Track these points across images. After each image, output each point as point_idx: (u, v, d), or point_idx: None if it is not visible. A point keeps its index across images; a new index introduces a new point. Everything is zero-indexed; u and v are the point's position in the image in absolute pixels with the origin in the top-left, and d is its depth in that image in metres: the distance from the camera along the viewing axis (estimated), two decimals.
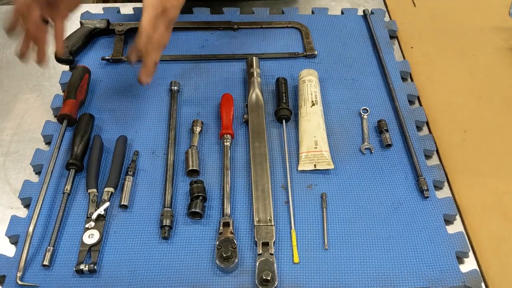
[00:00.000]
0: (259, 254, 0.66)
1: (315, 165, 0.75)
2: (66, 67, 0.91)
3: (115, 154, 0.76)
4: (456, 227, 0.71)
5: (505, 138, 0.82)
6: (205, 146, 0.79)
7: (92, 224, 0.68)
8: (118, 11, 1.03)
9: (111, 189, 0.72)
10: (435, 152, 0.80)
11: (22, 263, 0.64)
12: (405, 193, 0.74)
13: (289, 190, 0.73)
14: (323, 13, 1.04)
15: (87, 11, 1.01)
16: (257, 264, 0.65)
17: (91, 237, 0.67)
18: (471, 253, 0.68)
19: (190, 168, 0.74)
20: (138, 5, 1.06)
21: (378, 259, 0.67)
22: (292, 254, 0.66)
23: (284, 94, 0.84)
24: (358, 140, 0.80)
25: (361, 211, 0.71)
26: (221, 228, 0.68)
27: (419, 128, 0.83)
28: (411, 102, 0.87)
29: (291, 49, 0.96)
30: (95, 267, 0.64)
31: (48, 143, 0.80)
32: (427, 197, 0.73)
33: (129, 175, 0.74)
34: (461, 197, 0.74)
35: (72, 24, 1.00)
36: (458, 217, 0.72)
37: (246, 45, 0.96)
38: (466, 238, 0.69)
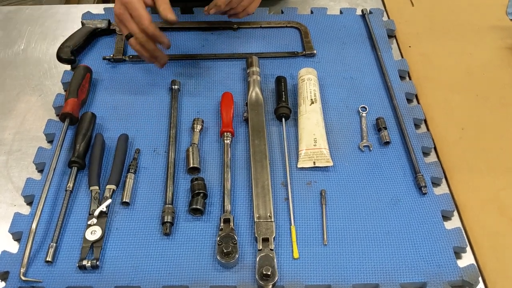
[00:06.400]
0: (259, 250, 0.66)
1: (314, 162, 0.76)
2: (68, 67, 0.92)
3: (116, 152, 0.77)
4: (453, 223, 0.72)
5: (502, 136, 0.83)
6: (206, 144, 0.80)
7: (94, 220, 0.69)
8: None
9: (113, 187, 0.72)
10: (433, 149, 0.81)
11: (25, 259, 0.64)
12: (403, 190, 0.74)
13: (289, 187, 0.74)
14: (322, 13, 1.05)
15: (88, 11, 1.02)
16: (258, 260, 0.65)
17: (94, 233, 0.68)
18: (468, 249, 0.69)
19: (191, 166, 0.75)
20: None
21: (377, 255, 0.67)
22: (292, 250, 0.67)
23: (283, 92, 0.85)
24: (356, 137, 0.81)
25: (360, 208, 0.72)
26: (222, 224, 0.69)
27: (417, 126, 0.84)
28: (409, 100, 0.88)
29: (290, 48, 0.96)
30: (97, 263, 0.65)
31: (50, 141, 0.81)
32: (425, 193, 0.73)
33: (131, 172, 0.75)
34: (458, 194, 0.75)
35: (73, 24, 1.02)
36: (455, 213, 0.73)
37: (246, 44, 0.97)
38: (464, 233, 0.70)
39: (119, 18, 0.80)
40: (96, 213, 0.69)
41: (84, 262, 0.65)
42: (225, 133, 0.79)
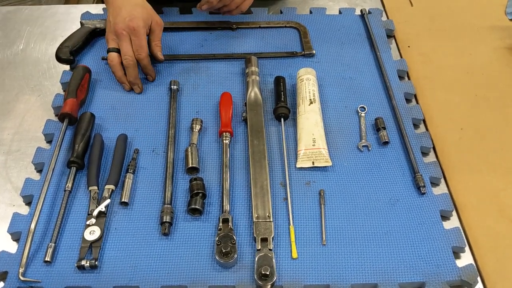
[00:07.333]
0: (258, 250, 0.66)
1: (313, 162, 0.76)
2: (67, 67, 0.92)
3: (115, 152, 0.77)
4: (452, 223, 0.72)
5: (501, 136, 0.82)
6: (205, 144, 0.80)
7: (93, 221, 0.69)
8: None
9: (112, 187, 0.72)
10: (431, 149, 0.81)
11: (24, 259, 0.64)
12: (402, 190, 0.74)
13: (288, 187, 0.74)
14: (321, 13, 1.05)
15: (87, 11, 1.02)
16: (256, 260, 0.65)
17: (92, 233, 0.68)
18: (467, 248, 0.69)
19: (190, 166, 0.75)
20: None
21: (376, 255, 0.67)
22: (291, 250, 0.67)
23: (282, 92, 0.85)
24: (355, 137, 0.81)
25: (358, 208, 0.72)
26: (221, 224, 0.69)
27: (416, 126, 0.84)
28: (408, 100, 0.88)
29: (289, 48, 0.96)
30: (96, 263, 0.65)
31: (49, 141, 0.81)
32: (424, 193, 0.73)
33: (130, 172, 0.74)
34: (457, 194, 0.75)
35: (72, 25, 1.02)
36: (454, 213, 0.73)
37: (245, 44, 0.97)
38: (463, 233, 0.70)
39: (119, 36, 0.83)
40: (95, 213, 0.69)
41: (83, 262, 0.65)
42: (224, 133, 0.79)
